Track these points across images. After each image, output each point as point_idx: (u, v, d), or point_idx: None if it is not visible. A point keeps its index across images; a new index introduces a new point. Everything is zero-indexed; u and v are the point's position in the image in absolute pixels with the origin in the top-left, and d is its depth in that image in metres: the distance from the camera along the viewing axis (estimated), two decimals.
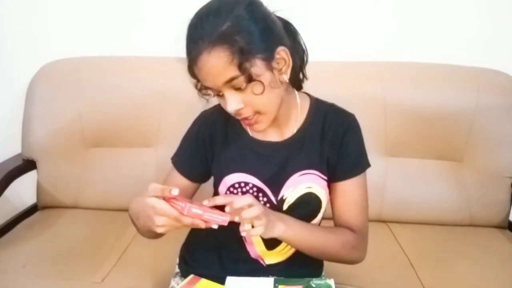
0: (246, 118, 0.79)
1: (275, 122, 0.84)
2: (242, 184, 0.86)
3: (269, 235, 0.77)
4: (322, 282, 0.78)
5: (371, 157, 0.89)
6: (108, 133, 1.46)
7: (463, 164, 1.42)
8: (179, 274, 0.99)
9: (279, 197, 0.86)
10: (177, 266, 1.01)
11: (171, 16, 1.49)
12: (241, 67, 0.71)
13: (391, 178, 1.41)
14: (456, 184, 1.41)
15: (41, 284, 1.10)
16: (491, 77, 1.42)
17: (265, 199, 0.87)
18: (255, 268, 0.91)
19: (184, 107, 1.32)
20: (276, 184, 0.86)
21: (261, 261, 0.92)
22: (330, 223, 0.91)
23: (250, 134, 0.89)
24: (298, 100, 0.89)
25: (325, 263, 1.00)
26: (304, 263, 0.93)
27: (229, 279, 0.80)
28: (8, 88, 1.58)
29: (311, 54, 0.88)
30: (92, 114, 1.44)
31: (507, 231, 1.40)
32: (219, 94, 0.77)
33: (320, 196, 0.87)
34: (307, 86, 0.91)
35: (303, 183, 0.86)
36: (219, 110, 0.87)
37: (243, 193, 0.86)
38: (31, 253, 1.21)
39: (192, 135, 0.92)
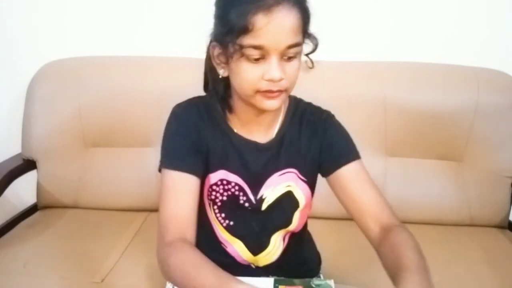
0: (277, 91, 0.72)
1: (263, 121, 0.83)
2: (225, 182, 0.84)
3: None
4: (322, 282, 0.77)
5: (371, 157, 0.90)
6: (108, 133, 1.46)
7: (463, 164, 1.42)
8: None
9: (258, 197, 0.85)
10: None
11: (171, 16, 1.50)
12: (305, 36, 0.71)
13: (391, 178, 1.40)
14: (456, 184, 1.41)
15: (41, 284, 1.10)
16: (491, 77, 1.42)
17: (244, 198, 0.85)
18: (249, 271, 0.90)
19: None
20: (257, 183, 0.85)
21: (252, 266, 0.91)
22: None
23: (236, 132, 0.85)
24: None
25: (324, 262, 1.00)
26: (299, 261, 0.92)
27: None
28: (8, 88, 1.58)
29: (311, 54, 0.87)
30: (92, 114, 1.44)
31: (507, 231, 1.40)
32: (258, 58, 0.70)
33: (298, 197, 0.86)
34: (307, 86, 0.90)
35: (283, 182, 0.85)
36: (198, 105, 0.85)
37: (225, 190, 0.85)
38: (31, 253, 1.21)
39: (178, 129, 0.84)
